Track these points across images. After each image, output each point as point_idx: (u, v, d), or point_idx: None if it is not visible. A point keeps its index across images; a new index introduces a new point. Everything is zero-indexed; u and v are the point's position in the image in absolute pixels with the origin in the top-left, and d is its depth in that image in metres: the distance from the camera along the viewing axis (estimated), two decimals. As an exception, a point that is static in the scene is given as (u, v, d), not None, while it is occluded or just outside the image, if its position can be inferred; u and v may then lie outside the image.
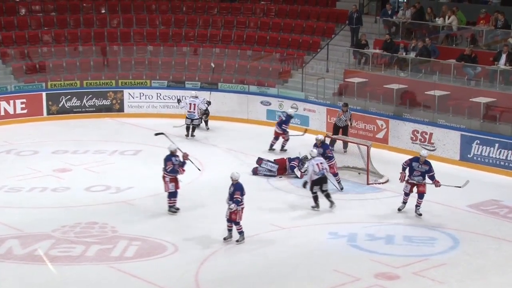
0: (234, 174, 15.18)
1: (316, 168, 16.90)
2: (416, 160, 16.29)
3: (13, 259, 14.45)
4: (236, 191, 14.97)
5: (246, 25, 27.69)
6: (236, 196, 14.93)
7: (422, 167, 16.21)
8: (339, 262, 14.34)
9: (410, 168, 16.31)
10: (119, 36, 27.48)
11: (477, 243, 15.23)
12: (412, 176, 16.35)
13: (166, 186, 16.56)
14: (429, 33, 23.86)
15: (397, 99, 22.24)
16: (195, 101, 23.27)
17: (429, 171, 16.26)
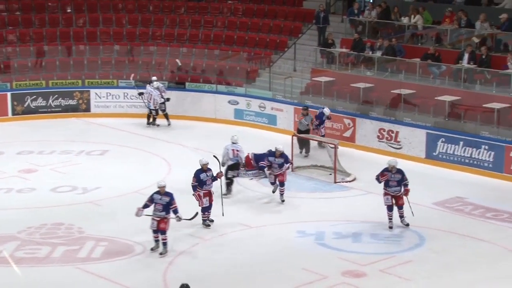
0: (161, 183, 14.60)
1: (231, 154, 17.89)
2: (387, 170, 15.69)
3: (-22, 261, 14.25)
4: (173, 200, 14.51)
5: (213, 25, 27.63)
6: (174, 206, 14.53)
7: (396, 176, 15.62)
8: (307, 260, 14.36)
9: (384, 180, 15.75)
10: (85, 36, 27.23)
11: (443, 240, 15.37)
12: (388, 188, 15.64)
13: (200, 201, 15.74)
14: (395, 33, 24.03)
15: (364, 97, 22.35)
16: (153, 92, 23.53)
17: (402, 179, 15.66)
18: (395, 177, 15.59)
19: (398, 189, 15.61)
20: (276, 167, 17.25)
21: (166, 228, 14.47)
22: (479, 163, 19.44)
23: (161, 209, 14.45)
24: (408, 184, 15.74)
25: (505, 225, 16.20)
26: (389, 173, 15.65)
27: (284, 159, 17.26)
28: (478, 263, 14.27)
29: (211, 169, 15.76)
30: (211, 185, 15.79)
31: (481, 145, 19.43)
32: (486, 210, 17.03)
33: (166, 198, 14.49)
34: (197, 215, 15.52)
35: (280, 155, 17.19)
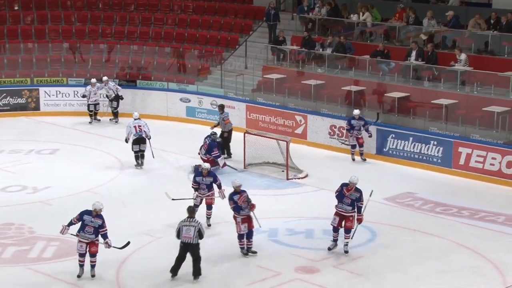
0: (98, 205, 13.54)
1: (134, 130, 19.52)
2: (345, 186, 14.62)
3: None
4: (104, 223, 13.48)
5: (164, 22, 27.47)
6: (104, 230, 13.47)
7: (353, 194, 14.47)
8: (260, 257, 14.40)
9: (340, 195, 14.60)
10: (34, 33, 26.81)
11: (394, 235, 15.56)
12: (340, 204, 14.53)
13: (238, 227, 14.40)
14: (344, 30, 24.23)
15: (315, 94, 22.49)
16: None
17: (359, 199, 14.46)
18: (352, 195, 14.43)
19: (350, 208, 14.43)
20: (204, 188, 15.64)
21: (97, 251, 13.34)
22: (429, 158, 19.74)
23: (91, 232, 13.27)
24: (362, 210, 14.45)
25: (453, 219, 16.48)
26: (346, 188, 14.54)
27: (213, 178, 15.70)
28: (428, 257, 14.49)
29: (245, 191, 14.51)
30: (248, 210, 14.40)
31: (430, 141, 19.72)
32: (435, 205, 17.30)
33: (98, 220, 13.33)
34: (129, 244, 13.80)
35: (207, 174, 15.64)
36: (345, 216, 14.47)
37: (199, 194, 15.76)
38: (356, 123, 19.99)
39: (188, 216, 13.56)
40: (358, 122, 19.98)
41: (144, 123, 20.02)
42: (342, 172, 19.52)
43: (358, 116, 19.94)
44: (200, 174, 15.72)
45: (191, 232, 13.31)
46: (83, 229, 13.34)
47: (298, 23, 25.50)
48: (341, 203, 14.52)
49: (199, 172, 15.82)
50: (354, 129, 20.04)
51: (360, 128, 20.07)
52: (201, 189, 15.71)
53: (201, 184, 15.68)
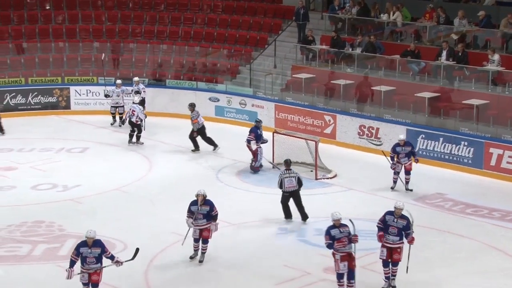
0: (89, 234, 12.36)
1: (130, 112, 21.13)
2: (390, 214, 13.20)
3: (-42, 260, 14.13)
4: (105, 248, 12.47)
5: (193, 21, 27.57)
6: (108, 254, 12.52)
7: (399, 222, 13.09)
8: (289, 257, 14.39)
9: (385, 224, 13.16)
10: (65, 33, 27.07)
11: (423, 236, 15.40)
12: (386, 235, 13.26)
13: (336, 266, 12.83)
14: (374, 29, 24.12)
15: (344, 94, 22.41)
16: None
17: (407, 227, 13.02)
18: (398, 223, 13.04)
19: (397, 239, 12.99)
20: (200, 218, 13.90)
21: (99, 280, 12.47)
22: (459, 159, 19.58)
23: (94, 262, 12.30)
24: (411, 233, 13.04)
25: (484, 220, 16.33)
26: (391, 217, 13.11)
27: (209, 207, 13.93)
28: (457, 259, 14.38)
29: (346, 225, 12.84)
30: (349, 246, 12.85)
31: (460, 141, 19.56)
32: (465, 206, 17.15)
33: (96, 250, 12.28)
34: (138, 251, 12.94)
35: (203, 202, 13.95)
36: (392, 248, 13.05)
37: (195, 225, 13.91)
38: (401, 149, 17.45)
39: (286, 169, 15.97)
40: (404, 149, 17.45)
41: (138, 108, 21.46)
42: (371, 172, 19.55)
43: (403, 142, 17.53)
44: (196, 203, 13.85)
45: (294, 182, 15.78)
46: (84, 262, 12.29)
47: (328, 23, 25.43)
48: (386, 234, 13.03)
49: (194, 201, 13.90)
50: (399, 157, 17.54)
51: (407, 156, 17.51)
52: (198, 219, 13.83)
53: (197, 214, 13.81)
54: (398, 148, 17.51)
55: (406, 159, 17.53)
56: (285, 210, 16.03)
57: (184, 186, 18.26)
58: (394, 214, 13.07)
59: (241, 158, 20.38)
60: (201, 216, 13.87)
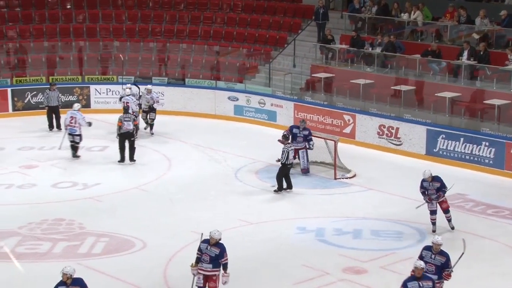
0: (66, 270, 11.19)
1: None
2: (428, 249, 12.08)
3: (-21, 257, 14.22)
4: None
5: (212, 21, 27.57)
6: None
7: (437, 258, 11.94)
8: (307, 257, 14.33)
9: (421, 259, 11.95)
10: (85, 32, 27.18)
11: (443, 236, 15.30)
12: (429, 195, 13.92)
13: None
14: (394, 29, 24.00)
15: (364, 94, 22.32)
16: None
17: (446, 265, 11.91)
18: (436, 260, 11.90)
19: (435, 277, 11.64)
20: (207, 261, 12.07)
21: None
22: (480, 159, 19.42)
23: None
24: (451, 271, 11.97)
25: (505, 221, 16.19)
26: (429, 252, 12.00)
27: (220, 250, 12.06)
28: (478, 260, 14.23)
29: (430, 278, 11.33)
30: None
31: (481, 142, 19.40)
32: (486, 207, 17.01)
33: None
34: None
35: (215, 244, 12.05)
36: None
37: (200, 270, 12.10)
38: (429, 185, 15.42)
39: (287, 142, 17.65)
40: (433, 184, 15.41)
41: (131, 99, 21.45)
42: (390, 172, 19.46)
43: (430, 178, 15.46)
44: (208, 241, 12.12)
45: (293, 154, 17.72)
46: None
47: (347, 22, 25.33)
48: None
49: (207, 239, 12.15)
50: (429, 193, 15.46)
51: (437, 192, 15.45)
52: (204, 261, 12.03)
53: (204, 255, 12.04)
54: (426, 183, 15.35)
55: (438, 196, 15.42)
56: (287, 181, 17.71)
57: (204, 185, 18.29)
58: (432, 250, 11.90)
59: (260, 157, 20.36)
60: (207, 259, 11.95)
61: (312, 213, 16.64)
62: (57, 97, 22.99)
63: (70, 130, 20.37)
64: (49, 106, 22.87)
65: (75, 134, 20.39)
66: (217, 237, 11.99)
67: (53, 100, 22.89)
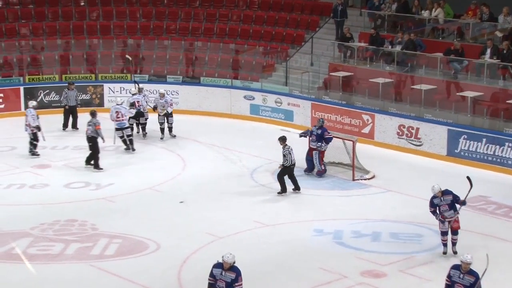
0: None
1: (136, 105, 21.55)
2: (456, 268, 11.72)
3: (-10, 258, 14.29)
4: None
5: (228, 18, 27.56)
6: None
7: (466, 278, 11.56)
8: (325, 259, 14.29)
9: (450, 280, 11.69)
10: (99, 29, 27.27)
11: (465, 240, 15.21)
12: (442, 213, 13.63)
13: None
14: (415, 26, 23.89)
15: (383, 93, 22.22)
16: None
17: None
18: (465, 280, 11.50)
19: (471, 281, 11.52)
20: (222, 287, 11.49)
21: None
22: (503, 160, 19.28)
23: None
24: None
25: (528, 224, 16.06)
26: (457, 272, 11.65)
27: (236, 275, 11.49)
28: (500, 263, 14.11)
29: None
30: None
31: (504, 143, 19.26)
32: (509, 210, 16.89)
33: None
34: None
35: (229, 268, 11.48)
36: None
37: None
38: (440, 201, 14.36)
39: (286, 144, 17.53)
40: (444, 199, 14.35)
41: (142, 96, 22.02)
42: (410, 173, 19.37)
43: (440, 192, 14.35)
44: (220, 266, 11.56)
45: None
46: None
47: (366, 20, 25.24)
48: None
49: (219, 263, 11.58)
50: (441, 210, 14.39)
51: (451, 207, 14.36)
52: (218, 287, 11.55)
53: (219, 281, 11.49)
54: (436, 200, 14.33)
55: (452, 212, 14.28)
56: (294, 181, 17.63)
57: (218, 185, 18.29)
58: (461, 269, 11.56)
59: (276, 157, 20.24)
60: (223, 285, 11.44)
61: (330, 215, 16.58)
62: (75, 96, 23.06)
63: (119, 125, 20.74)
64: (66, 105, 22.93)
65: (125, 128, 20.77)
66: (230, 261, 11.44)
67: (71, 100, 22.96)
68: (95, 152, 19.49)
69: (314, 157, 18.96)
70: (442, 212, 14.27)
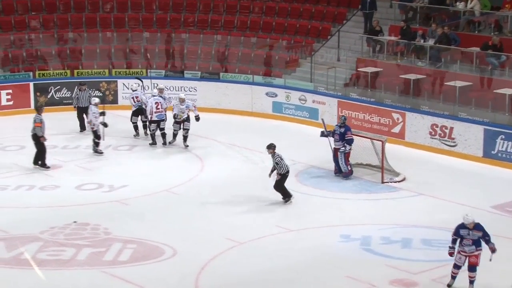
0: None
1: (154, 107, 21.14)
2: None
3: (-2, 263, 14.41)
4: None
5: (250, 10, 27.62)
6: None
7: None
8: (352, 267, 14.27)
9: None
10: (113, 22, 27.41)
11: (502, 247, 15.03)
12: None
13: None
14: (449, 19, 23.80)
15: (415, 90, 22.15)
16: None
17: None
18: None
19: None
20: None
21: None
22: (543, 163, 19.20)
23: None
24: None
25: None
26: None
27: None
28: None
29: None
30: None
31: (545, 143, 19.18)
32: (550, 215, 16.79)
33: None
34: None
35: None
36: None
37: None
38: (468, 233, 13.21)
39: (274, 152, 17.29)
40: (473, 234, 13.19)
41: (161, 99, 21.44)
42: (443, 176, 19.30)
43: (472, 224, 13.16)
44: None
45: None
46: None
47: (397, 12, 25.19)
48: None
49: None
50: (464, 243, 13.26)
51: (475, 244, 13.27)
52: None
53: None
54: (464, 231, 13.20)
55: (473, 248, 13.22)
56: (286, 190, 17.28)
57: (239, 188, 18.31)
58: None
59: (300, 158, 20.33)
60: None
61: (357, 220, 16.55)
62: (87, 97, 22.71)
63: (158, 117, 21.09)
64: (79, 107, 22.94)
65: (162, 120, 21.15)
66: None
67: (83, 101, 22.80)
68: (40, 151, 19.55)
69: (340, 158, 18.94)
70: (464, 245, 13.26)
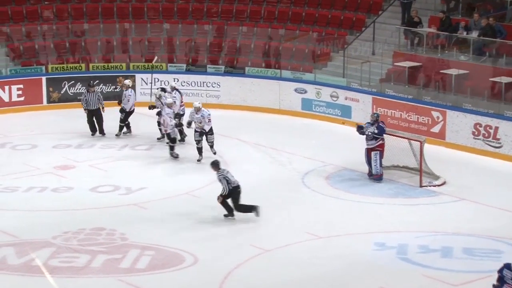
0: None
1: None
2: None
3: (7, 270, 14.50)
4: None
5: (278, 0, 27.61)
6: None
7: None
8: (387, 278, 14.23)
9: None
10: (131, 12, 27.53)
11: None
12: None
13: None
14: (494, 9, 23.66)
15: (456, 86, 22.05)
16: None
17: None
18: None
19: None
20: None
21: None
22: None
23: None
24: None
25: None
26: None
27: None
28: None
29: None
30: None
31: None
32: None
33: None
34: None
35: None
36: None
37: None
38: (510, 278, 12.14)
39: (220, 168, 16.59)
40: None
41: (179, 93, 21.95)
42: (487, 179, 19.20)
43: None
44: None
45: None
46: None
47: (438, 2, 25.09)
48: None
49: None
50: None
51: None
52: None
53: None
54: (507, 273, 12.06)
55: None
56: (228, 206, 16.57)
57: (265, 191, 18.30)
58: None
59: (331, 160, 20.29)
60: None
61: (393, 226, 16.50)
62: (96, 99, 22.57)
63: (183, 110, 21.65)
64: (88, 109, 22.71)
65: (182, 115, 21.62)
66: None
67: (92, 104, 22.55)
68: None
69: (373, 158, 18.89)
70: None
